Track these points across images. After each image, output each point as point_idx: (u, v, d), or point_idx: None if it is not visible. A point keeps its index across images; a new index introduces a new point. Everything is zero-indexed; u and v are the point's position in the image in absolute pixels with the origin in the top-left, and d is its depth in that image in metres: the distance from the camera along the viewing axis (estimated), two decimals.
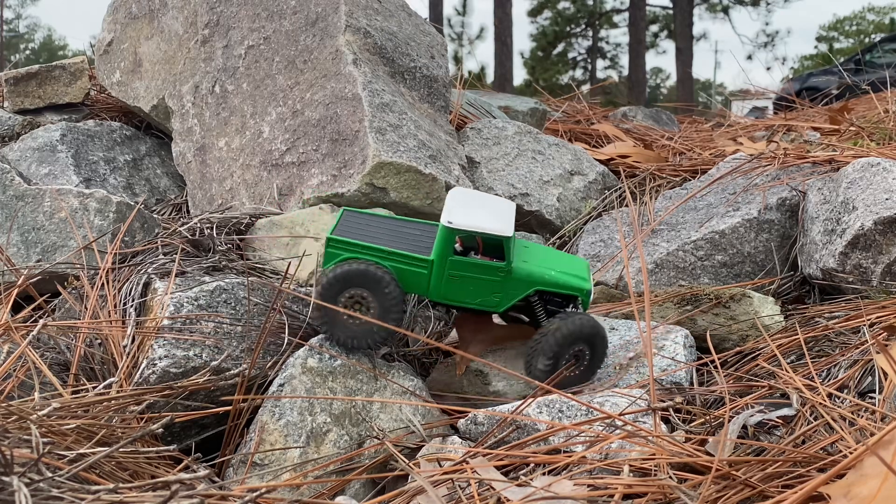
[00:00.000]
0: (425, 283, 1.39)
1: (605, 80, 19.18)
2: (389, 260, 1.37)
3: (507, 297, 1.41)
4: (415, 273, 1.38)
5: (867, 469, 0.88)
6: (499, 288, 1.40)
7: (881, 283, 1.62)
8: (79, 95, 2.47)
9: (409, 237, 1.44)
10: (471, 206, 1.41)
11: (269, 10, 2.08)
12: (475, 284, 1.40)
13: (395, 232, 1.45)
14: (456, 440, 1.27)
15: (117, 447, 0.97)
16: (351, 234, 1.40)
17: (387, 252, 1.37)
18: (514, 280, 1.40)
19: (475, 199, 1.45)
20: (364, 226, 1.45)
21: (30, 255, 1.75)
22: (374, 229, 1.44)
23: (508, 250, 1.38)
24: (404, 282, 1.38)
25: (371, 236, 1.41)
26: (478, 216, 1.37)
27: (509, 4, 12.53)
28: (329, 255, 1.37)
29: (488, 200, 1.46)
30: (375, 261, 1.36)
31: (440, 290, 1.39)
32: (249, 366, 1.39)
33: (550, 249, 1.55)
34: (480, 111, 2.85)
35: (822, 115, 3.32)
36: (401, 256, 1.37)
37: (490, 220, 1.37)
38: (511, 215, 1.42)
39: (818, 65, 18.86)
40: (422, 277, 1.38)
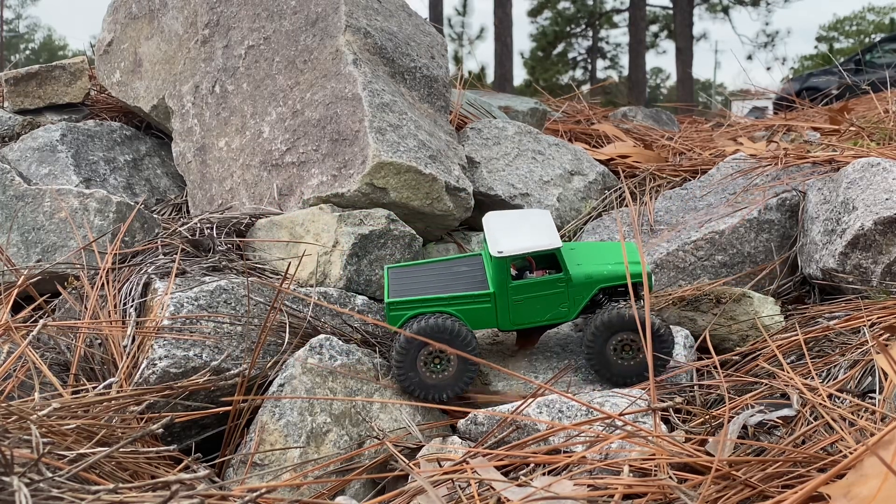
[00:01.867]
0: (492, 316, 1.41)
1: (605, 80, 19.18)
2: (452, 305, 1.39)
3: (575, 303, 1.43)
4: (480, 310, 1.40)
5: (867, 469, 0.88)
6: (564, 298, 1.42)
7: (881, 283, 1.62)
8: (79, 95, 2.47)
9: (460, 276, 1.46)
10: (511, 228, 1.42)
11: (269, 10, 2.08)
12: (541, 302, 1.41)
13: (445, 275, 1.47)
14: (456, 440, 1.27)
15: (117, 447, 0.97)
16: (405, 291, 1.41)
17: (447, 298, 1.39)
18: (576, 286, 1.42)
19: (512, 220, 1.46)
20: (412, 278, 1.46)
21: (30, 255, 1.75)
22: (424, 278, 1.46)
23: (563, 260, 1.40)
24: (471, 321, 1.40)
25: (424, 287, 1.43)
26: (523, 237, 1.39)
27: (509, 4, 12.52)
28: (393, 318, 1.39)
29: (524, 217, 1.48)
30: (439, 310, 1.38)
31: (509, 317, 1.41)
32: (249, 366, 1.39)
33: (595, 244, 1.57)
34: (480, 111, 2.85)
35: (822, 115, 3.32)
36: (462, 298, 1.39)
37: (536, 237, 1.39)
38: (551, 224, 1.44)
39: (818, 65, 18.86)
40: (488, 312, 1.40)
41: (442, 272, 1.48)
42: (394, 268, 1.52)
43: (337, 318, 1.58)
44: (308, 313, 1.53)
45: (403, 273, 1.49)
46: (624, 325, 1.38)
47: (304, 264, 1.69)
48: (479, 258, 1.52)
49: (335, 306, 1.48)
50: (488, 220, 1.47)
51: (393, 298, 1.39)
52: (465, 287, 1.42)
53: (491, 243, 1.38)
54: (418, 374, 1.36)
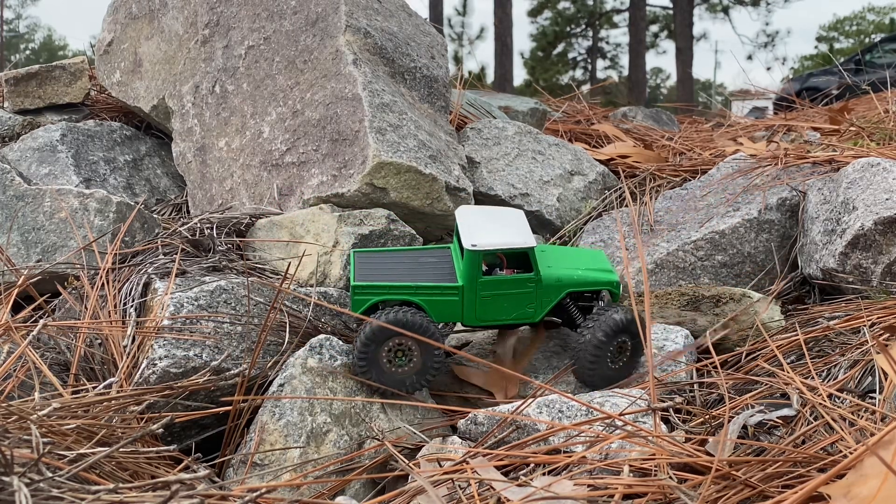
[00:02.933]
0: (458, 309, 1.39)
1: (605, 80, 19.18)
2: (418, 294, 1.36)
3: (542, 305, 1.41)
4: (446, 302, 1.37)
5: (867, 469, 0.88)
6: (532, 298, 1.40)
7: (881, 283, 1.62)
8: (79, 95, 2.47)
9: (428, 266, 1.44)
10: (485, 223, 1.41)
11: (269, 11, 2.08)
12: (508, 300, 1.39)
13: (413, 264, 1.45)
14: (456, 440, 1.27)
15: (117, 447, 0.97)
16: (372, 276, 1.39)
17: (414, 287, 1.36)
18: (545, 288, 1.40)
19: (486, 216, 1.44)
20: (380, 264, 1.44)
21: (30, 255, 1.75)
22: (391, 265, 1.44)
23: (535, 260, 1.38)
24: (436, 313, 1.38)
25: (391, 274, 1.40)
26: (497, 233, 1.37)
27: (509, 4, 12.53)
28: (357, 302, 1.37)
29: (497, 214, 1.46)
30: (405, 298, 1.36)
31: (474, 313, 1.39)
32: (249, 366, 1.39)
33: (565, 248, 1.56)
34: (480, 111, 2.85)
35: (822, 115, 3.32)
36: (429, 288, 1.37)
37: (511, 234, 1.38)
38: (525, 224, 1.43)
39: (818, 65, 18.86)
40: (454, 305, 1.38)
41: (409, 261, 1.46)
42: (361, 252, 1.48)
43: (337, 318, 1.58)
44: (308, 313, 1.53)
45: (370, 258, 1.46)
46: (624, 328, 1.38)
47: (304, 264, 1.69)
48: (447, 251, 1.50)
49: (335, 306, 1.48)
50: (462, 214, 1.45)
51: (358, 282, 1.36)
52: (432, 277, 1.39)
53: (464, 236, 1.36)
54: (380, 366, 1.34)
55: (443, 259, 1.46)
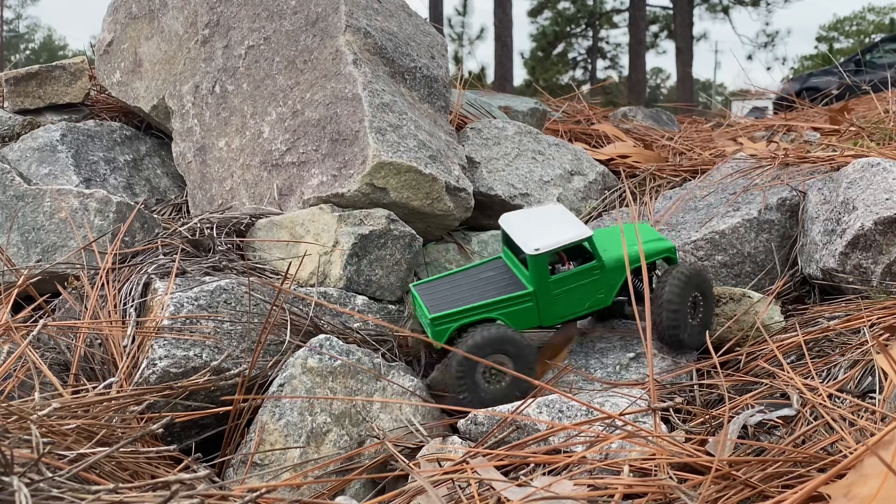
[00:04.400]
0: (535, 314, 1.41)
1: (605, 80, 19.19)
2: (496, 310, 1.38)
3: (610, 288, 1.45)
4: (523, 310, 1.40)
5: (867, 469, 0.88)
6: (600, 284, 1.44)
7: (881, 283, 1.62)
8: (79, 95, 2.47)
9: (490, 281, 1.46)
10: (536, 225, 1.43)
11: (269, 10, 2.08)
12: (579, 292, 1.42)
13: (474, 283, 1.47)
14: (456, 440, 1.27)
15: (117, 447, 0.97)
16: (444, 304, 1.40)
17: (490, 304, 1.38)
18: (610, 271, 1.43)
19: (531, 219, 1.47)
20: (443, 291, 1.46)
21: (30, 255, 1.75)
22: (455, 290, 1.46)
23: (595, 248, 1.41)
24: (516, 322, 1.39)
25: (461, 298, 1.42)
26: (552, 232, 1.40)
27: (509, 4, 12.52)
28: (439, 333, 1.38)
29: (541, 214, 1.48)
30: (483, 317, 1.38)
31: (551, 313, 1.42)
32: (250, 366, 1.39)
33: (610, 228, 1.58)
34: (480, 111, 2.85)
35: (822, 115, 3.32)
36: (504, 302, 1.39)
37: (566, 230, 1.41)
38: (572, 216, 1.46)
39: (818, 65, 18.87)
40: (531, 311, 1.40)
41: (469, 280, 1.47)
42: (419, 285, 1.50)
43: (337, 318, 1.58)
44: (309, 313, 1.53)
45: (432, 288, 1.48)
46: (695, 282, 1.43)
47: (304, 264, 1.69)
48: (500, 261, 1.51)
49: (335, 306, 1.48)
50: (508, 222, 1.47)
51: (435, 313, 1.37)
52: (500, 291, 1.41)
53: (523, 243, 1.38)
54: (478, 387, 1.35)
55: (499, 270, 1.48)
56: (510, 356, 1.35)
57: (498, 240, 1.98)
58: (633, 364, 1.48)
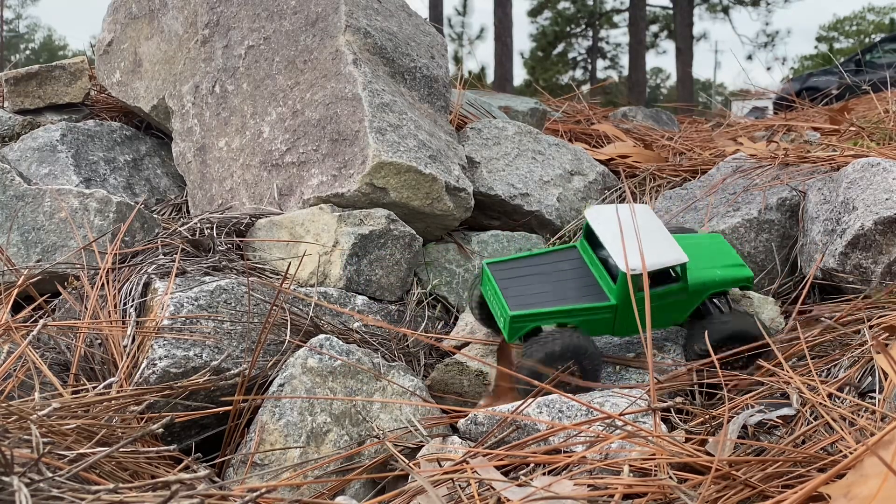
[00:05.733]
0: (610, 325, 1.39)
1: (605, 80, 19.19)
2: (574, 317, 1.37)
3: (685, 310, 1.43)
4: (601, 320, 1.38)
5: (867, 469, 0.88)
6: (678, 305, 1.42)
7: (881, 283, 1.62)
8: (79, 95, 2.47)
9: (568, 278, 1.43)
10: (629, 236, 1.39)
11: (269, 10, 2.08)
12: (658, 311, 1.40)
13: (552, 276, 1.43)
14: (456, 440, 1.27)
15: (117, 447, 0.97)
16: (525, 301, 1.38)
17: (570, 310, 1.36)
18: (691, 293, 1.42)
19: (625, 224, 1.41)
20: (521, 281, 1.42)
21: (30, 255, 1.75)
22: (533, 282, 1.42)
23: (685, 273, 1.39)
24: (590, 330, 1.38)
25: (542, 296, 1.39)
26: (650, 249, 1.35)
27: (509, 4, 12.53)
28: (515, 330, 1.36)
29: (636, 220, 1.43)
30: (561, 321, 1.36)
31: (626, 327, 1.40)
32: (250, 366, 1.39)
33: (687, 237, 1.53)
34: (480, 111, 2.84)
35: (822, 115, 3.32)
36: (584, 310, 1.37)
37: (664, 251, 1.37)
38: (665, 231, 1.42)
39: (818, 65, 18.87)
40: (608, 322, 1.39)
41: (546, 272, 1.44)
42: (494, 265, 1.46)
43: (337, 318, 1.58)
44: (310, 313, 1.53)
45: (507, 272, 1.44)
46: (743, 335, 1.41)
47: (304, 264, 1.69)
48: (574, 252, 1.48)
49: (335, 306, 1.48)
50: (597, 219, 1.43)
51: (516, 311, 1.35)
52: (580, 293, 1.39)
53: (618, 256, 1.34)
54: None
55: (575, 265, 1.45)
56: (580, 365, 1.34)
57: (498, 240, 1.98)
58: (633, 364, 1.47)
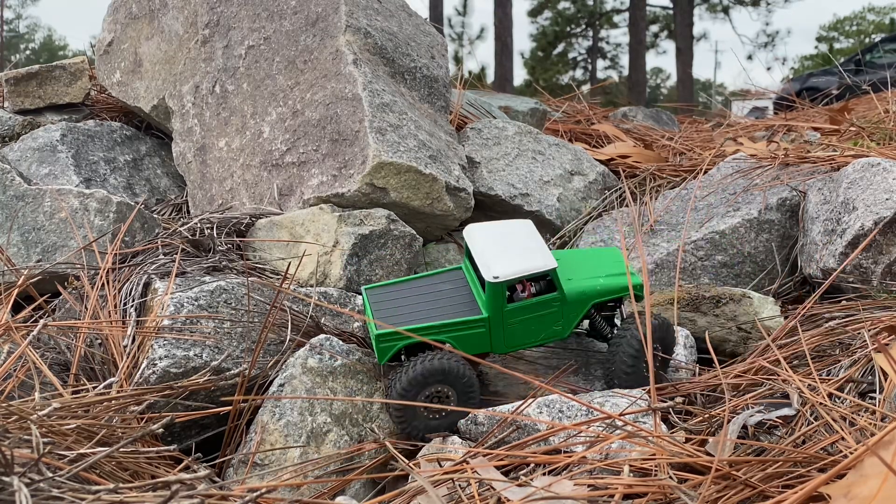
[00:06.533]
0: (486, 341, 1.34)
1: (605, 81, 19.19)
2: (444, 333, 1.31)
3: (569, 321, 1.37)
4: (474, 335, 1.32)
5: (867, 469, 0.88)
6: (558, 317, 1.36)
7: (881, 283, 1.62)
8: (79, 95, 2.47)
9: (445, 296, 1.38)
10: (500, 247, 1.34)
11: (269, 11, 2.08)
12: (536, 323, 1.34)
13: (429, 296, 1.38)
14: (456, 440, 1.27)
15: (117, 447, 0.97)
16: (392, 319, 1.32)
17: (439, 326, 1.31)
18: (570, 304, 1.35)
19: (498, 237, 1.37)
20: (394, 301, 1.38)
21: (30, 255, 1.75)
22: (408, 302, 1.37)
23: (558, 280, 1.33)
24: (464, 346, 1.32)
25: (412, 314, 1.34)
26: (516, 258, 1.31)
27: (509, 4, 12.53)
28: (383, 350, 1.31)
29: (507, 232, 1.39)
30: (433, 338, 1.29)
31: (503, 342, 1.34)
32: (250, 366, 1.39)
33: (578, 252, 1.50)
34: (480, 111, 2.85)
35: (823, 115, 3.32)
36: (455, 325, 1.31)
37: (530, 258, 1.31)
38: (540, 239, 1.38)
39: (818, 65, 18.88)
40: (482, 337, 1.33)
41: (424, 292, 1.39)
42: (372, 289, 1.41)
43: (337, 319, 1.58)
44: (310, 313, 1.53)
45: (383, 295, 1.39)
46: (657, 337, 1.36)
47: (304, 264, 1.69)
48: (459, 273, 1.44)
49: (335, 306, 1.48)
50: (472, 237, 1.38)
51: (381, 331, 1.30)
52: (454, 311, 1.34)
53: (483, 267, 1.30)
54: (417, 419, 1.30)
55: (457, 284, 1.40)
56: (452, 386, 1.29)
57: None
58: None
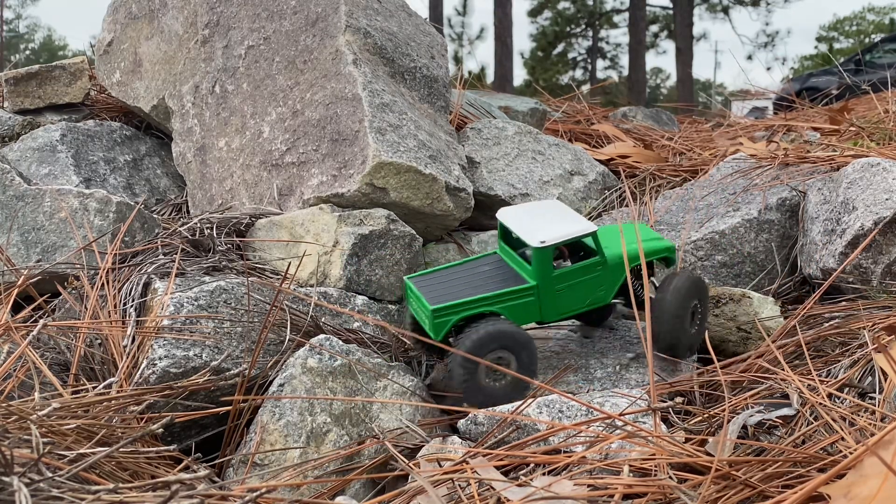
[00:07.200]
0: (536, 309, 1.38)
1: (605, 81, 19.20)
2: (497, 303, 1.35)
3: (611, 286, 1.43)
4: (525, 304, 1.36)
5: (867, 469, 0.88)
6: (602, 281, 1.41)
7: (881, 283, 1.62)
8: (79, 95, 2.47)
9: (488, 275, 1.42)
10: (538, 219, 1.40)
11: (269, 10, 2.08)
12: (582, 288, 1.40)
13: (471, 277, 1.43)
14: (456, 440, 1.27)
15: (117, 447, 0.97)
16: (444, 296, 1.37)
17: (492, 297, 1.35)
18: (611, 268, 1.41)
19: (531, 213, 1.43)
20: (440, 284, 1.42)
21: (30, 255, 1.75)
22: (452, 283, 1.42)
23: (598, 243, 1.39)
24: (515, 316, 1.36)
25: (461, 291, 1.38)
26: (556, 225, 1.37)
27: (509, 4, 12.53)
28: (438, 325, 1.34)
29: (540, 208, 1.46)
30: (484, 310, 1.34)
31: (553, 308, 1.39)
32: (249, 366, 1.39)
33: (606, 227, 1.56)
34: (480, 111, 2.84)
35: (822, 115, 3.32)
36: (506, 295, 1.35)
37: (571, 224, 1.38)
38: (572, 211, 1.45)
39: (818, 65, 18.88)
40: (531, 306, 1.37)
41: (467, 275, 1.44)
42: (414, 278, 1.45)
43: (337, 319, 1.58)
44: (310, 313, 1.53)
45: (428, 281, 1.44)
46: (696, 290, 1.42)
47: (304, 264, 1.69)
48: (495, 256, 1.48)
49: (335, 306, 1.48)
50: (507, 216, 1.44)
51: (435, 305, 1.34)
52: (501, 285, 1.38)
53: (526, 236, 1.35)
54: (479, 385, 1.32)
55: (496, 265, 1.45)
56: (513, 352, 1.33)
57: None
58: (633, 364, 1.48)
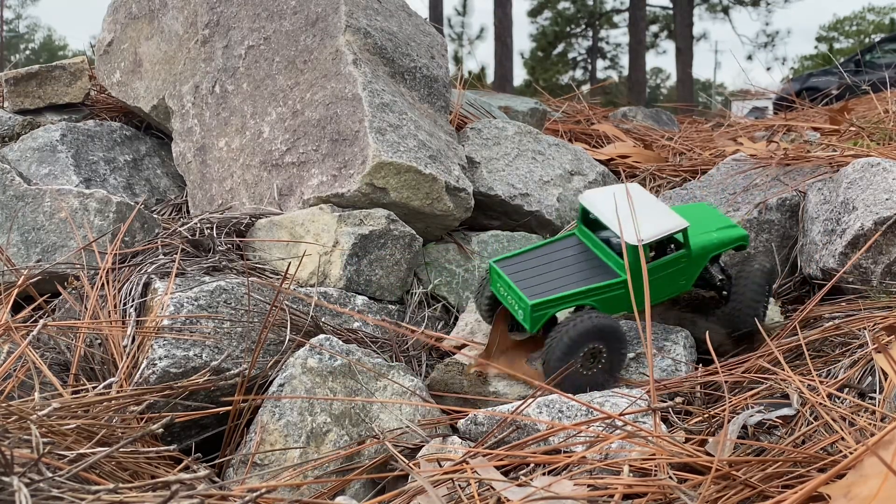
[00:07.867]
0: (627, 301, 1.42)
1: (605, 81, 19.20)
2: (590, 297, 1.40)
3: (691, 275, 1.49)
4: (616, 297, 1.41)
5: (867, 469, 0.88)
6: (684, 271, 1.47)
7: (881, 283, 1.62)
8: (79, 95, 2.47)
9: (575, 263, 1.46)
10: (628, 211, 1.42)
11: (269, 11, 2.08)
12: (667, 280, 1.46)
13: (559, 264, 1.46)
14: (456, 440, 1.27)
15: (117, 447, 0.97)
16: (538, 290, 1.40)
17: (586, 291, 1.39)
18: (693, 259, 1.47)
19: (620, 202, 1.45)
20: (528, 271, 1.45)
21: (30, 255, 1.75)
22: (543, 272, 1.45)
23: (687, 238, 1.44)
24: (607, 309, 1.41)
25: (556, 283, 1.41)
26: (650, 221, 1.41)
27: (509, 4, 12.53)
28: (537, 319, 1.38)
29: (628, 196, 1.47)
30: (579, 304, 1.39)
31: (641, 300, 1.41)
32: (249, 366, 1.39)
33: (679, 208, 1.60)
34: (480, 111, 2.84)
35: (822, 115, 3.32)
36: (599, 289, 1.40)
37: (664, 220, 1.42)
38: (660, 202, 1.48)
39: (818, 65, 18.88)
40: (624, 298, 1.41)
41: (552, 261, 1.47)
42: (500, 261, 1.48)
43: (337, 319, 1.58)
44: (310, 313, 1.53)
45: (515, 266, 1.46)
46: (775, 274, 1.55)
47: (304, 264, 1.69)
48: (574, 238, 1.51)
49: (335, 306, 1.48)
50: (593, 202, 1.46)
51: (535, 300, 1.38)
52: (591, 275, 1.42)
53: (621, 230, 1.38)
54: (574, 374, 1.35)
55: (579, 250, 1.49)
56: (608, 344, 1.36)
57: (498, 240, 1.98)
58: (633, 364, 1.47)
